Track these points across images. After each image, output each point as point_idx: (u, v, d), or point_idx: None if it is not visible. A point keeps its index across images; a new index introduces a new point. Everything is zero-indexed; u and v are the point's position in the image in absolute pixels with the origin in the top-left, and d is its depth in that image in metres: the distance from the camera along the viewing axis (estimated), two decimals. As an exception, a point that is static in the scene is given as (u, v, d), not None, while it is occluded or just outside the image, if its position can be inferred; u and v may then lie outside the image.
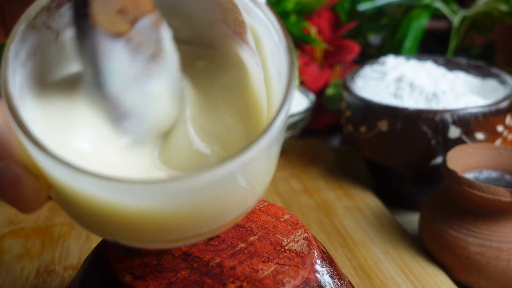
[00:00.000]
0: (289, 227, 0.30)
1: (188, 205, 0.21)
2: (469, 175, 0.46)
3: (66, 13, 0.23)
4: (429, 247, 0.44)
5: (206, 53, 0.28)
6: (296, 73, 0.21)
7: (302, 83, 0.71)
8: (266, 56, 0.25)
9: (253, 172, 0.22)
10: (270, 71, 0.25)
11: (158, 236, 0.23)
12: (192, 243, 0.24)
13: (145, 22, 0.23)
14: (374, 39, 0.85)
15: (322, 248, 0.31)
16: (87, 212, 0.22)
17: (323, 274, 0.28)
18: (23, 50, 0.22)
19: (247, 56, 0.27)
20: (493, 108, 0.48)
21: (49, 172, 0.21)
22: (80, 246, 0.45)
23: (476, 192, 0.40)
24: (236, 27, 0.26)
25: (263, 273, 0.26)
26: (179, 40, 0.26)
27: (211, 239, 0.29)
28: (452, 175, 0.42)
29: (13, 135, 0.21)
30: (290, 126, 0.61)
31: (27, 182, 0.22)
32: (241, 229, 0.30)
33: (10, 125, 0.20)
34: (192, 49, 0.28)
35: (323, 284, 0.28)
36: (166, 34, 0.24)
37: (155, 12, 0.23)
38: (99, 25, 0.22)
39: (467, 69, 0.59)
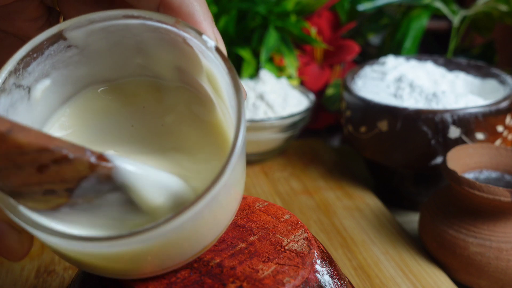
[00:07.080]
0: (289, 227, 0.30)
1: (163, 243, 0.22)
2: (469, 175, 0.46)
3: (34, 70, 0.25)
4: (429, 247, 0.44)
5: (187, 88, 0.29)
6: (244, 110, 0.24)
7: (302, 83, 0.71)
8: (222, 92, 0.27)
9: (216, 207, 0.23)
10: (227, 104, 0.28)
11: (127, 272, 0.25)
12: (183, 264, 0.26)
13: (88, 183, 0.22)
14: (374, 39, 0.86)
15: (322, 248, 0.31)
16: (70, 258, 0.24)
17: (323, 274, 0.28)
18: None
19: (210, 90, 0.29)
20: (493, 108, 0.48)
21: (31, 231, 0.23)
22: (80, 246, 0.45)
23: (476, 192, 0.40)
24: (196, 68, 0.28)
25: (263, 273, 0.26)
26: (155, 76, 0.28)
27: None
28: (452, 175, 0.42)
29: None
30: (290, 126, 0.61)
31: (11, 235, 0.25)
32: (241, 229, 0.30)
33: None
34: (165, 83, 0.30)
35: (323, 284, 0.28)
36: (125, 176, 0.24)
37: (98, 168, 0.22)
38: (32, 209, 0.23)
39: (467, 69, 0.59)
